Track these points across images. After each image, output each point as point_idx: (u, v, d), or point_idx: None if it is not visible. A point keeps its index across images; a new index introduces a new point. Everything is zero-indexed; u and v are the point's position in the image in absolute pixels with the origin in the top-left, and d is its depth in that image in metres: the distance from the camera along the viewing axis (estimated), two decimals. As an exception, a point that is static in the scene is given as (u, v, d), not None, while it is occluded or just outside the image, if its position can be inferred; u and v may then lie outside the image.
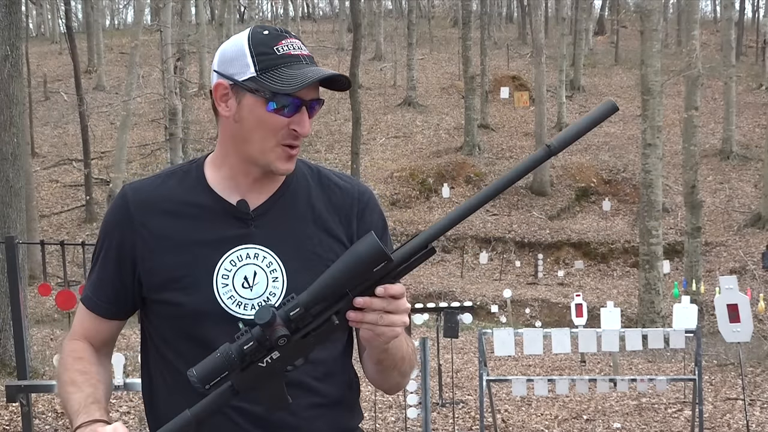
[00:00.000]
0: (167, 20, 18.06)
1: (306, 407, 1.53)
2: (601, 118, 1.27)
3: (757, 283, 15.60)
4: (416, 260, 1.31)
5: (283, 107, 1.46)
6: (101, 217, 20.36)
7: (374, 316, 1.32)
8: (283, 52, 1.47)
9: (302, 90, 1.45)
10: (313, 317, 1.32)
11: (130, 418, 6.45)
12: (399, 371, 1.54)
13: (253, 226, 1.54)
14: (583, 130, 1.28)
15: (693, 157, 14.48)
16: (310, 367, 1.50)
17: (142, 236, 1.53)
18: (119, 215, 1.57)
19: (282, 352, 1.32)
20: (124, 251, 1.55)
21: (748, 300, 5.67)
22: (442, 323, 6.67)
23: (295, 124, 1.48)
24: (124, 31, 42.25)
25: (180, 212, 1.54)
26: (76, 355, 1.59)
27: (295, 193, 1.58)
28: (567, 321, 12.16)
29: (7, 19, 7.58)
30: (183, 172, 1.60)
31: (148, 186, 1.59)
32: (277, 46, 1.47)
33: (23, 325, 5.28)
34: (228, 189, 1.56)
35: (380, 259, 1.27)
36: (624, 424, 6.73)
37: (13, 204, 7.66)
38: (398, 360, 1.51)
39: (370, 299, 1.30)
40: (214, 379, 1.32)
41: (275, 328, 1.29)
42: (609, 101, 1.28)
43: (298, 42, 1.50)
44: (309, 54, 1.50)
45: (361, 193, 1.62)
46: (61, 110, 28.56)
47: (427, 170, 23.01)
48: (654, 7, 13.27)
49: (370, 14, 36.38)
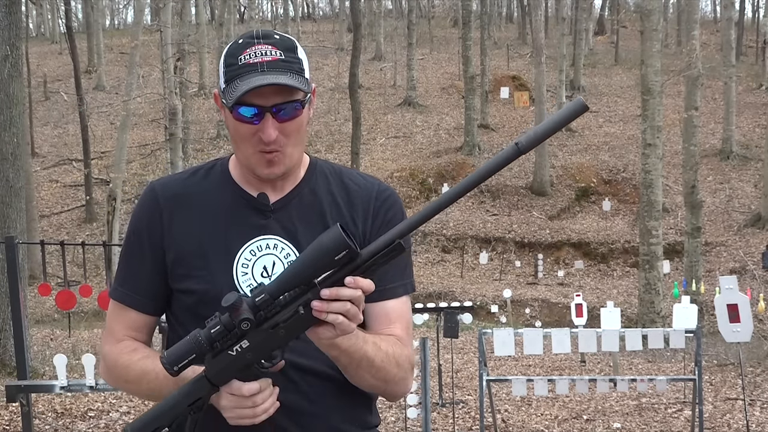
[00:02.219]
0: (167, 20, 18.06)
1: (326, 396, 1.54)
2: (571, 117, 1.27)
3: (757, 283, 15.60)
4: (383, 256, 1.31)
5: (245, 116, 1.49)
6: (101, 217, 20.43)
7: (339, 306, 1.31)
8: (244, 62, 1.48)
9: (258, 97, 1.46)
10: (282, 307, 1.34)
11: (130, 418, 6.45)
12: (369, 373, 1.50)
13: (273, 218, 1.57)
14: (553, 130, 1.27)
15: (693, 157, 14.48)
16: (328, 357, 1.51)
17: (170, 228, 1.58)
18: (148, 210, 1.61)
19: (251, 340, 1.34)
20: (154, 244, 1.59)
21: (748, 300, 5.67)
22: (442, 323, 6.68)
23: (260, 131, 1.49)
24: (124, 31, 42.24)
25: (204, 204, 1.59)
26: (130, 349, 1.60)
27: (314, 189, 1.62)
28: (567, 321, 12.16)
29: (7, 19, 7.58)
30: (207, 169, 1.65)
31: (174, 181, 1.65)
32: (241, 56, 1.49)
33: (23, 325, 5.29)
34: (250, 183, 1.60)
35: (341, 248, 1.28)
36: (624, 424, 6.73)
37: (13, 204, 7.66)
38: (359, 360, 1.47)
39: (337, 289, 1.31)
40: (181, 362, 1.35)
41: (240, 311, 1.31)
42: (579, 100, 1.27)
43: (267, 48, 1.49)
44: (274, 59, 1.48)
45: (380, 192, 1.63)
46: (61, 110, 28.56)
47: (427, 170, 23.02)
48: (654, 7, 13.27)
49: (370, 14, 36.39)
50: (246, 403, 1.38)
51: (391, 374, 1.54)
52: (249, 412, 1.39)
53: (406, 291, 1.62)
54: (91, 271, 15.84)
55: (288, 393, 1.51)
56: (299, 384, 1.53)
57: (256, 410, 1.39)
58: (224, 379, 1.38)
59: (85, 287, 6.29)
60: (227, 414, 1.41)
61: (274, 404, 1.42)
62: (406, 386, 1.60)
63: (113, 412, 6.59)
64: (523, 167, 23.24)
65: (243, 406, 1.39)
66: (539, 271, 18.71)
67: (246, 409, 1.39)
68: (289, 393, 1.51)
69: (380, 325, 1.58)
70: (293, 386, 1.52)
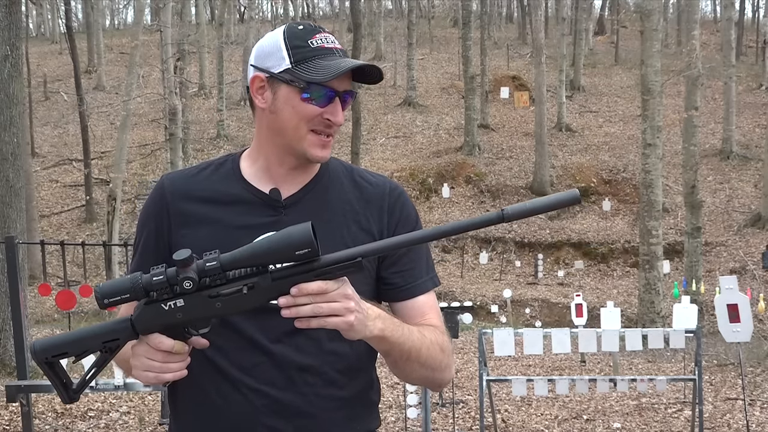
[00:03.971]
0: (167, 20, 18.06)
1: (324, 398, 1.54)
2: (563, 205, 1.31)
3: (757, 283, 15.60)
4: (340, 268, 1.33)
5: (317, 97, 1.51)
6: (101, 217, 20.41)
7: (307, 307, 1.32)
8: (317, 45, 1.53)
9: (335, 81, 1.51)
10: (228, 281, 1.34)
11: (130, 418, 6.46)
12: (418, 363, 1.53)
13: (284, 214, 1.57)
14: (541, 210, 1.31)
15: (693, 157, 14.48)
16: (333, 359, 1.53)
17: (177, 222, 1.59)
18: (156, 204, 1.62)
19: (186, 302, 1.33)
20: (161, 238, 1.60)
21: (748, 300, 5.66)
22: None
23: (329, 113, 1.53)
24: (124, 31, 42.24)
25: (213, 200, 1.59)
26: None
27: (326, 186, 1.62)
28: (567, 321, 12.17)
29: (7, 19, 7.59)
30: (218, 164, 1.66)
31: (183, 176, 1.65)
32: (311, 40, 1.53)
33: (23, 325, 5.29)
34: (261, 180, 1.60)
35: (305, 245, 1.29)
36: (624, 424, 6.72)
37: (13, 204, 7.66)
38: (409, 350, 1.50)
39: (305, 285, 1.31)
40: (113, 297, 1.33)
41: (187, 270, 1.32)
42: (574, 192, 1.31)
43: (331, 36, 1.56)
44: (342, 48, 1.56)
45: (392, 189, 1.65)
46: (61, 110, 28.56)
47: (427, 170, 23.01)
48: (654, 7, 13.27)
49: (370, 14, 36.38)
50: (158, 356, 1.37)
51: (437, 361, 1.57)
52: (158, 365, 1.37)
53: (434, 284, 1.67)
54: (91, 271, 15.85)
55: (286, 392, 1.51)
56: (298, 383, 1.52)
57: (165, 367, 1.38)
58: (148, 329, 1.36)
59: (85, 287, 6.29)
60: (135, 362, 1.39)
61: (182, 372, 1.40)
62: (450, 372, 1.64)
63: (113, 412, 6.59)
64: (523, 167, 23.25)
65: (154, 358, 1.37)
66: (539, 271, 18.71)
67: (155, 363, 1.37)
68: (287, 392, 1.51)
69: (415, 319, 1.60)
70: (292, 385, 1.51)
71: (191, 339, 1.39)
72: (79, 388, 1.43)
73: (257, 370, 1.51)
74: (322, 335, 1.51)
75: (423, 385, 1.67)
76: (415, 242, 1.36)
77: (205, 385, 1.53)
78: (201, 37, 27.01)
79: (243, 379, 1.51)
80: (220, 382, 1.52)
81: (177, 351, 1.37)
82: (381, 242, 1.38)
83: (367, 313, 1.39)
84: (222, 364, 1.52)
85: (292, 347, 1.51)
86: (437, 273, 1.70)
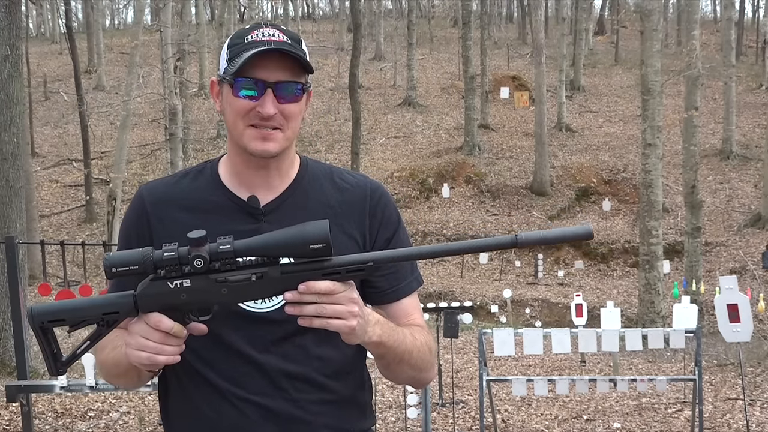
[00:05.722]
0: (167, 20, 18.05)
1: (315, 403, 1.53)
2: (575, 238, 1.37)
3: (757, 283, 15.59)
4: (350, 270, 1.34)
5: (246, 90, 1.48)
6: (101, 217, 20.39)
7: (311, 307, 1.33)
8: (251, 40, 1.49)
9: (262, 71, 1.47)
10: (238, 267, 1.33)
11: (130, 418, 6.45)
12: (409, 365, 1.54)
13: (264, 221, 1.55)
14: (555, 240, 1.36)
15: (693, 157, 14.48)
16: (320, 364, 1.52)
17: (158, 232, 1.56)
18: (136, 214, 1.60)
19: (193, 283, 1.32)
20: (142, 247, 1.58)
21: (748, 300, 5.66)
22: (442, 323, 6.67)
23: (259, 105, 1.48)
24: (124, 31, 42.24)
25: (193, 208, 1.57)
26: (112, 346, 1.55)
27: (306, 190, 1.60)
28: (567, 321, 12.16)
29: (7, 19, 7.58)
30: (197, 172, 1.64)
31: (162, 185, 1.63)
32: (249, 35, 1.50)
33: (23, 325, 5.28)
34: (239, 185, 1.58)
35: (322, 240, 1.29)
36: (624, 424, 6.72)
37: (13, 204, 7.66)
38: (402, 354, 1.51)
39: (314, 283, 1.32)
40: (122, 267, 1.32)
41: (199, 249, 1.31)
42: (587, 227, 1.37)
43: (275, 31, 1.50)
44: (282, 40, 1.49)
45: (373, 190, 1.63)
46: (61, 110, 28.55)
47: (427, 170, 23.00)
48: (654, 7, 13.27)
49: (370, 14, 36.37)
50: (155, 336, 1.35)
51: (426, 362, 1.59)
52: (153, 346, 1.35)
53: (419, 284, 1.68)
54: (91, 271, 15.84)
55: (277, 400, 1.50)
56: (288, 391, 1.51)
57: (160, 348, 1.35)
58: (149, 306, 1.35)
59: (85, 287, 6.28)
60: (130, 340, 1.37)
61: (175, 357, 1.38)
62: (434, 371, 1.67)
63: (113, 412, 6.58)
64: (523, 167, 23.25)
65: (151, 338, 1.35)
66: (539, 271, 18.70)
67: (151, 342, 1.35)
68: (278, 400, 1.50)
69: (400, 320, 1.60)
70: (282, 393, 1.51)
71: (190, 324, 1.38)
72: (68, 360, 1.41)
73: (246, 380, 1.50)
74: (308, 342, 1.51)
75: (407, 384, 1.68)
76: (428, 256, 1.38)
77: (196, 399, 1.52)
78: (201, 37, 26.99)
79: (233, 390, 1.50)
80: (210, 395, 1.51)
81: (175, 333, 1.35)
82: (394, 251, 1.40)
83: (367, 318, 1.39)
84: (211, 377, 1.51)
85: (279, 356, 1.50)
86: (437, 273, 1.70)
